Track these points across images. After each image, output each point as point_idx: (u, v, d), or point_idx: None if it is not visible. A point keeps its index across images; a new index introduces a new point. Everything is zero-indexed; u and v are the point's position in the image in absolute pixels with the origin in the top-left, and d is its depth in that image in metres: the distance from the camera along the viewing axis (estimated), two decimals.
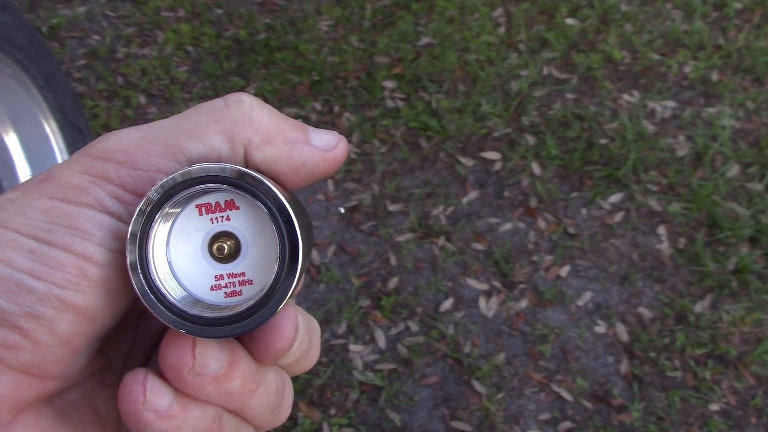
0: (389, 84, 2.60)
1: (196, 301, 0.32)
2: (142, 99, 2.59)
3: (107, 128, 2.45)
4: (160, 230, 0.31)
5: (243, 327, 0.31)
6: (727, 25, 2.81)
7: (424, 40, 2.78)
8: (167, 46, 2.81)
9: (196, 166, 0.31)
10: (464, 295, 1.96)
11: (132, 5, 3.03)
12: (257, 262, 0.33)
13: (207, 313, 0.31)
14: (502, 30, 2.83)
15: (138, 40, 2.86)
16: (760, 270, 1.99)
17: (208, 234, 0.33)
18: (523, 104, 2.50)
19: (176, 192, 0.31)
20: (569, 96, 2.54)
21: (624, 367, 1.82)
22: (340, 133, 0.36)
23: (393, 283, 1.99)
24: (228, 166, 0.31)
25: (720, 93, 2.53)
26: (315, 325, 0.37)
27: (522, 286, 1.98)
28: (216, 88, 2.62)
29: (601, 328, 1.89)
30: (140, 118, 2.52)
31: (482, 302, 1.95)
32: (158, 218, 0.31)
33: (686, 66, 2.64)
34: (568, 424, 1.72)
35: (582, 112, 2.46)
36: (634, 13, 2.88)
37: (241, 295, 0.33)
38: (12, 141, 1.60)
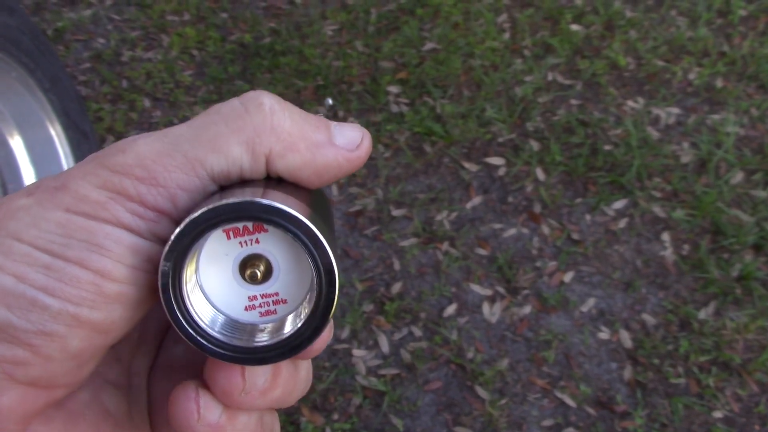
0: (394, 89, 2.60)
1: (235, 326, 0.33)
2: (147, 102, 2.60)
3: (112, 131, 2.46)
4: (190, 263, 0.31)
5: (291, 353, 0.32)
6: (732, 32, 2.81)
7: (429, 46, 2.79)
8: (172, 49, 2.82)
9: (225, 201, 0.30)
10: (468, 301, 1.96)
11: (137, 9, 3.03)
12: (290, 281, 0.33)
13: (254, 342, 0.32)
14: (506, 36, 2.83)
15: (143, 44, 2.86)
16: (764, 277, 1.98)
17: (237, 258, 0.33)
18: (528, 110, 2.50)
19: (206, 230, 0.30)
20: (574, 102, 2.54)
21: (627, 373, 1.81)
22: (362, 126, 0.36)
23: (396, 288, 1.99)
24: (258, 201, 0.30)
25: (724, 100, 2.52)
26: None
27: (525, 291, 1.98)
28: (220, 92, 2.62)
29: (604, 334, 1.89)
30: (145, 121, 2.52)
31: (486, 308, 1.94)
32: (189, 254, 0.31)
33: (691, 73, 2.64)
34: (571, 430, 1.71)
35: (586, 118, 2.46)
36: (639, 19, 2.88)
37: (276, 314, 0.33)
38: (17, 144, 1.60)
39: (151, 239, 0.31)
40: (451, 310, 1.94)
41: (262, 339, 0.32)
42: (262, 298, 0.33)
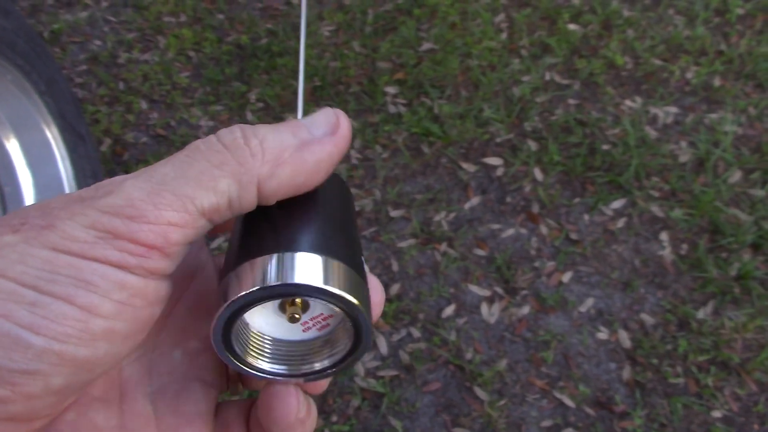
0: (391, 89, 2.59)
1: (300, 351, 0.37)
2: (144, 104, 2.59)
3: (109, 133, 2.45)
4: (240, 324, 0.34)
5: (350, 364, 0.36)
6: (729, 30, 2.81)
7: (426, 46, 2.78)
8: (169, 51, 2.82)
9: (275, 283, 0.31)
10: (466, 302, 1.96)
11: (133, 10, 3.03)
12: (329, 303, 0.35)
13: (317, 366, 0.36)
14: (504, 35, 2.83)
15: (139, 45, 2.86)
16: (762, 276, 1.98)
17: (275, 303, 0.35)
18: (525, 110, 2.49)
19: (256, 303, 0.33)
20: (571, 102, 2.53)
21: (626, 373, 1.81)
22: (331, 108, 0.36)
23: (395, 289, 1.98)
24: (321, 287, 0.32)
25: (722, 99, 2.52)
26: None
27: (524, 292, 1.98)
28: (218, 93, 2.62)
29: (603, 334, 1.89)
30: (142, 123, 2.51)
31: (484, 308, 1.94)
32: (240, 320, 0.33)
33: (688, 72, 2.64)
34: (570, 430, 1.71)
35: (584, 118, 2.46)
36: (636, 18, 2.88)
37: (329, 326, 0.36)
38: (13, 147, 1.60)
39: (142, 274, 0.31)
40: (449, 310, 1.94)
41: (317, 361, 0.36)
42: (312, 321, 0.36)
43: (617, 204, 2.19)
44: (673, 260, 2.04)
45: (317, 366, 0.36)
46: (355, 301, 0.32)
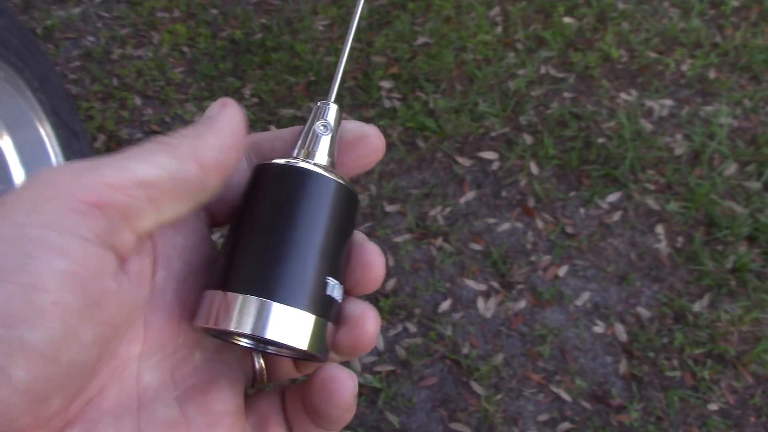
0: (386, 84, 2.59)
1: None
2: (138, 100, 2.58)
3: (103, 130, 2.44)
4: None
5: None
6: (724, 22, 2.81)
7: (421, 40, 2.78)
8: (162, 46, 2.80)
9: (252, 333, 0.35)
10: (462, 296, 1.96)
11: (127, 6, 3.01)
12: None
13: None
14: (499, 29, 2.82)
15: (133, 41, 2.85)
16: (758, 269, 1.98)
17: None
18: (521, 104, 2.49)
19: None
20: (567, 95, 2.53)
21: (623, 367, 1.81)
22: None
23: (391, 284, 1.98)
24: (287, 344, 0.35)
25: (717, 91, 2.52)
26: None
27: (520, 286, 1.98)
28: (212, 89, 2.61)
29: (599, 328, 1.89)
30: (136, 119, 2.51)
31: (480, 303, 1.94)
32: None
33: (683, 64, 2.64)
34: (567, 424, 1.71)
35: (579, 111, 2.45)
36: (631, 11, 2.87)
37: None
38: (6, 145, 1.59)
39: (84, 236, 0.29)
40: (445, 305, 1.94)
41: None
42: None
43: (613, 197, 2.19)
44: (669, 253, 2.04)
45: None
46: (319, 357, 0.36)
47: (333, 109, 0.42)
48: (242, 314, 0.34)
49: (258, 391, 0.40)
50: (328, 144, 0.39)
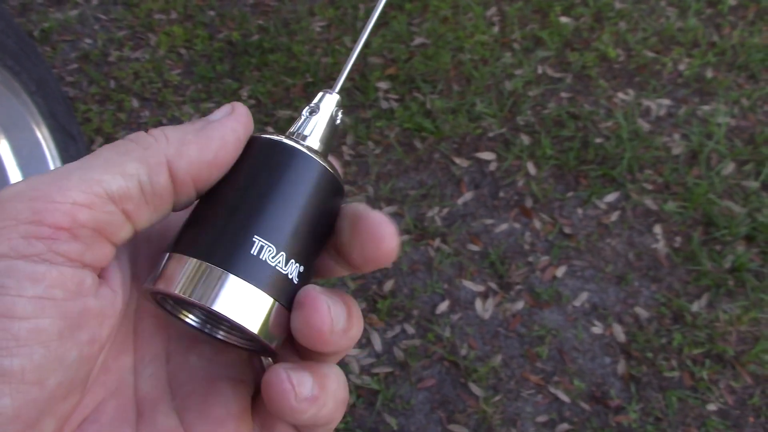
0: (383, 85, 2.59)
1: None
2: (135, 102, 2.58)
3: (100, 132, 2.44)
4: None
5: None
6: (722, 22, 2.81)
7: (418, 40, 2.78)
8: (160, 48, 2.80)
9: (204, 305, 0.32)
10: (460, 297, 1.96)
11: (124, 8, 3.01)
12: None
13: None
14: (496, 29, 2.82)
15: (130, 43, 2.85)
16: (756, 268, 1.98)
17: None
18: (518, 104, 2.49)
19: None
20: (564, 95, 2.53)
21: (621, 367, 1.81)
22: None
23: (389, 285, 1.98)
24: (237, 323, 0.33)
25: (715, 90, 2.52)
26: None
27: (518, 287, 1.98)
28: (209, 91, 2.61)
29: (597, 328, 1.89)
30: (133, 121, 2.50)
31: (478, 304, 1.94)
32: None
33: (681, 64, 2.64)
34: (565, 425, 1.71)
35: (577, 111, 2.45)
36: (628, 10, 2.87)
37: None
38: (3, 148, 1.59)
39: (54, 261, 0.29)
40: (443, 306, 1.94)
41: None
42: None
43: (611, 197, 2.19)
44: (667, 253, 2.04)
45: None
46: (269, 345, 0.33)
47: (329, 98, 0.40)
48: (192, 280, 0.32)
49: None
50: (322, 130, 0.38)
